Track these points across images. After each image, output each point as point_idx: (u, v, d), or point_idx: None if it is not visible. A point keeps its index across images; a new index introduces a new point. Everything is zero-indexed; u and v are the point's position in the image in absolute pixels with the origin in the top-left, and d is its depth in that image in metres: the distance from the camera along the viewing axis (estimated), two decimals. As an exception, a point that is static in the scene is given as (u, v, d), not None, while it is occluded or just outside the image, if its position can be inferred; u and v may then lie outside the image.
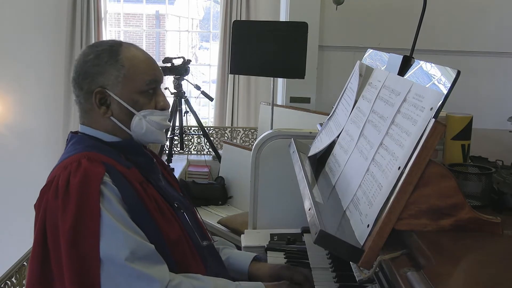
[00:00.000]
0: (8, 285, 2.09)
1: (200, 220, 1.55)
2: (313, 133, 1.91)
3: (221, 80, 4.93)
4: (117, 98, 1.35)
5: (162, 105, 1.40)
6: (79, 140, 1.37)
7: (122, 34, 5.69)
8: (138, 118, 1.37)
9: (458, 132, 1.37)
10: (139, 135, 1.39)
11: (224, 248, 1.63)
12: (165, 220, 1.34)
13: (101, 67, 1.34)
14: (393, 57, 1.47)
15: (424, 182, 0.98)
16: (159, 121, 1.39)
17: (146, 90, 1.37)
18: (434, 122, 0.98)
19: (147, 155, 1.45)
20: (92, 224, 1.20)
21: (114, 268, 1.19)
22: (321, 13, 3.99)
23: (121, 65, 1.34)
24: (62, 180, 1.24)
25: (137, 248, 1.22)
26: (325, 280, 1.44)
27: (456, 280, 0.88)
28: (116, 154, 1.34)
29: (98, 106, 1.35)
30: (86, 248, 1.19)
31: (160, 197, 1.37)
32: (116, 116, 1.36)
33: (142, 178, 1.35)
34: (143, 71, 1.37)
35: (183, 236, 1.37)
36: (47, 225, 1.23)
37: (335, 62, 4.08)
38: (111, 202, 1.23)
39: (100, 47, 1.38)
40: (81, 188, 1.22)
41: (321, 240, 1.00)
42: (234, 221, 3.20)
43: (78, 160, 1.27)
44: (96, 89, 1.34)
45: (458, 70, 1.06)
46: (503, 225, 1.02)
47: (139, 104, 1.37)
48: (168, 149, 4.21)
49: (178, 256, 1.34)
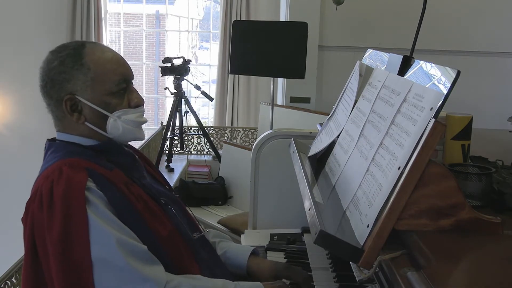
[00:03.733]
0: (8, 285, 2.09)
1: (188, 212, 1.53)
2: (313, 133, 1.91)
3: (221, 80, 4.93)
4: (88, 103, 1.31)
5: (136, 102, 1.36)
6: (58, 148, 1.34)
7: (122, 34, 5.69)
8: (112, 120, 1.33)
9: (458, 132, 1.37)
10: (117, 136, 1.36)
11: (220, 241, 1.60)
12: (154, 218, 1.32)
13: (67, 73, 1.30)
14: (393, 57, 1.47)
15: (424, 182, 0.98)
16: (135, 119, 1.36)
17: (117, 90, 1.33)
18: (434, 122, 0.98)
19: (129, 154, 1.42)
20: (80, 231, 1.17)
21: (108, 272, 1.17)
22: (321, 13, 4.00)
23: (87, 68, 1.30)
24: (45, 190, 1.21)
25: (130, 250, 1.20)
26: (325, 280, 1.43)
27: (456, 280, 0.88)
28: (97, 157, 1.32)
29: (70, 114, 1.32)
30: (77, 256, 1.17)
31: (146, 195, 1.35)
32: (90, 121, 1.33)
33: (126, 178, 1.33)
34: (111, 72, 1.32)
35: (173, 231, 1.36)
36: (36, 237, 1.21)
37: (335, 62, 4.08)
38: (98, 207, 1.21)
39: (63, 51, 1.33)
40: (65, 197, 1.19)
41: (321, 240, 1.00)
42: (234, 221, 3.20)
43: (59, 168, 1.24)
44: (65, 97, 1.31)
45: (458, 70, 1.06)
46: (503, 225, 1.02)
47: (111, 105, 1.33)
48: (168, 149, 4.21)
49: (171, 252, 1.32)
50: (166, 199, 1.43)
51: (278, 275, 1.48)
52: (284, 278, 1.47)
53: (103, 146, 1.35)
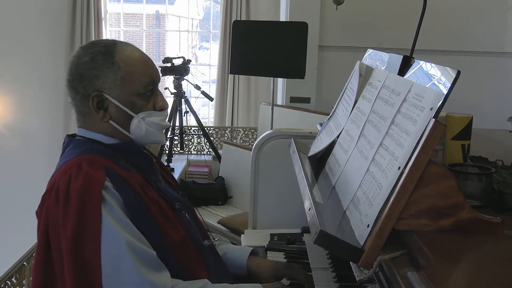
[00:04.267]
0: (8, 285, 2.09)
1: (200, 219, 1.54)
2: (313, 133, 1.91)
3: (221, 80, 4.93)
4: (115, 101, 1.32)
5: (161, 106, 1.38)
6: (78, 144, 1.34)
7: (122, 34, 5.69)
8: (137, 121, 1.34)
9: (458, 132, 1.37)
10: (139, 137, 1.37)
11: (220, 244, 1.61)
12: (168, 223, 1.33)
13: (97, 70, 1.31)
14: (393, 57, 1.47)
15: (424, 182, 0.98)
16: (158, 122, 1.37)
17: (144, 92, 1.35)
18: (434, 122, 0.98)
19: (147, 156, 1.44)
20: (94, 229, 1.18)
21: (115, 274, 1.18)
22: (321, 13, 3.99)
23: (117, 67, 1.31)
24: (62, 185, 1.22)
25: (139, 254, 1.20)
26: (325, 280, 1.43)
27: (456, 280, 0.88)
28: (116, 156, 1.33)
29: (95, 110, 1.33)
30: (88, 253, 1.17)
31: (161, 199, 1.36)
32: (115, 119, 1.34)
33: (142, 180, 1.34)
34: (140, 73, 1.34)
35: (186, 237, 1.37)
36: (50, 231, 1.22)
37: (335, 62, 4.08)
38: (113, 207, 1.22)
39: (94, 48, 1.34)
40: (82, 193, 1.19)
41: (321, 240, 1.00)
42: (234, 221, 3.20)
43: (78, 163, 1.25)
44: (93, 93, 1.31)
45: (458, 70, 1.06)
46: (503, 225, 1.02)
47: (137, 106, 1.34)
48: (168, 149, 4.21)
49: (182, 258, 1.33)
50: (180, 204, 1.44)
51: (279, 274, 1.48)
52: (285, 277, 1.47)
53: (123, 145, 1.36)
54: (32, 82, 4.88)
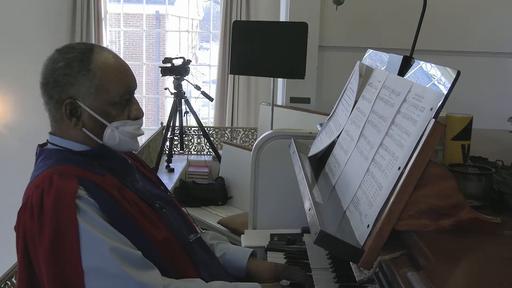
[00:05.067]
0: (8, 285, 2.09)
1: (185, 213, 1.52)
2: (313, 133, 1.91)
3: (221, 80, 4.93)
4: (88, 110, 1.29)
5: (136, 114, 1.35)
6: (48, 155, 1.32)
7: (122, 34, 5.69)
8: (110, 130, 1.32)
9: (458, 132, 1.37)
10: (112, 145, 1.34)
11: (218, 243, 1.59)
12: (149, 223, 1.31)
13: (71, 76, 1.28)
14: (393, 57, 1.47)
15: (424, 182, 0.98)
16: (132, 131, 1.35)
17: (119, 101, 1.32)
18: (434, 122, 0.98)
19: (121, 158, 1.41)
20: (71, 241, 1.16)
21: (102, 280, 1.16)
22: (321, 13, 3.99)
23: (93, 75, 1.28)
24: (35, 200, 1.19)
25: (124, 257, 1.18)
26: (325, 280, 1.43)
27: (456, 280, 0.88)
28: (88, 163, 1.30)
29: (68, 118, 1.30)
30: (68, 267, 1.15)
31: (140, 200, 1.34)
32: (87, 127, 1.31)
33: (119, 183, 1.31)
34: (116, 81, 1.31)
35: (169, 235, 1.35)
36: (29, 246, 1.20)
37: (335, 62, 4.08)
38: (90, 214, 1.19)
39: (70, 53, 1.30)
40: (55, 207, 1.17)
41: (321, 240, 1.00)
42: (234, 221, 3.20)
43: (49, 177, 1.22)
44: (66, 100, 1.29)
45: (458, 70, 1.06)
46: (503, 225, 1.02)
47: (111, 115, 1.31)
48: (168, 150, 4.21)
49: (168, 257, 1.31)
50: (161, 202, 1.42)
51: (278, 276, 1.48)
52: (284, 279, 1.47)
53: (95, 151, 1.34)
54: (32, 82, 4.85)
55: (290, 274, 1.48)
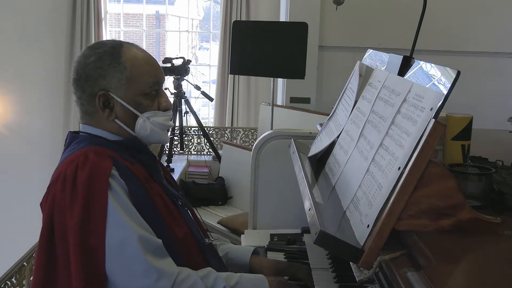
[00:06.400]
0: (8, 285, 2.09)
1: (199, 218, 1.55)
2: (313, 133, 1.91)
3: (221, 80, 4.93)
4: (120, 101, 1.34)
5: (165, 106, 1.40)
6: (83, 139, 1.36)
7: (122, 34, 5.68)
8: (142, 120, 1.37)
9: (458, 132, 1.37)
10: (143, 136, 1.39)
11: (221, 244, 1.63)
12: (171, 218, 1.34)
13: (103, 69, 1.33)
14: (393, 57, 1.47)
15: (424, 183, 0.98)
16: (163, 122, 1.40)
17: (149, 92, 1.37)
18: (434, 123, 0.98)
19: (151, 154, 1.45)
20: (100, 217, 1.20)
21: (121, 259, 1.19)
22: (321, 13, 3.99)
23: (123, 67, 1.34)
24: (69, 174, 1.23)
25: (144, 241, 1.21)
26: (325, 280, 1.43)
27: (456, 280, 0.88)
28: (121, 150, 1.34)
29: (102, 109, 1.35)
30: (93, 241, 1.19)
31: (165, 195, 1.38)
32: (120, 118, 1.36)
33: (146, 174, 1.35)
34: (146, 73, 1.36)
35: (188, 234, 1.38)
36: (55, 219, 1.23)
37: (335, 62, 4.08)
38: (120, 195, 1.23)
39: (101, 48, 1.36)
40: (89, 181, 1.21)
41: (321, 240, 1.00)
42: (234, 221, 3.20)
43: (85, 153, 1.26)
44: (99, 92, 1.33)
45: (458, 70, 1.06)
46: (503, 225, 1.02)
47: (142, 106, 1.36)
48: (168, 149, 4.21)
49: (185, 254, 1.34)
50: (182, 201, 1.46)
51: (280, 273, 1.50)
52: (286, 275, 1.48)
53: (128, 142, 1.38)
54: (32, 82, 4.88)
55: (293, 271, 1.50)
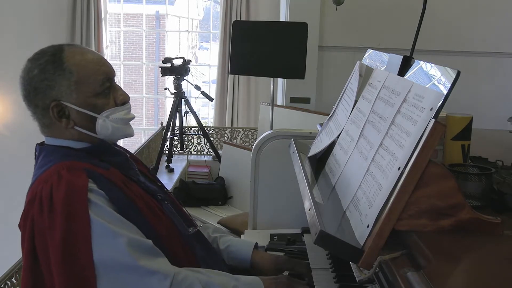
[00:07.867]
0: (8, 285, 2.09)
1: (181, 207, 1.53)
2: (313, 133, 1.91)
3: (221, 80, 4.93)
4: (75, 107, 1.30)
5: (122, 99, 1.36)
6: (50, 152, 1.32)
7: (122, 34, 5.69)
8: (101, 121, 1.33)
9: (458, 132, 1.37)
10: (107, 136, 1.35)
11: (221, 236, 1.61)
12: (154, 216, 1.33)
13: (49, 80, 1.28)
14: (393, 57, 1.47)
15: (424, 182, 0.98)
16: (123, 117, 1.36)
17: (102, 90, 1.32)
18: (434, 123, 0.98)
19: (121, 153, 1.42)
20: (84, 236, 1.16)
21: (116, 271, 1.17)
22: (321, 13, 4.00)
23: (69, 72, 1.29)
24: (45, 194, 1.19)
25: (137, 246, 1.20)
26: (325, 280, 1.43)
27: (456, 280, 0.88)
28: (90, 159, 1.31)
29: (58, 120, 1.30)
30: (80, 259, 1.16)
31: (144, 192, 1.35)
32: (79, 124, 1.32)
33: (123, 176, 1.32)
34: (93, 72, 1.31)
35: (171, 228, 1.36)
36: (36, 242, 1.20)
37: (335, 62, 4.08)
38: (100, 206, 1.20)
39: (41, 59, 1.30)
40: (67, 202, 1.17)
41: (321, 240, 1.00)
42: (234, 221, 3.20)
43: (57, 172, 1.22)
44: (51, 104, 1.29)
45: (458, 70, 1.06)
46: (503, 225, 1.02)
47: (98, 106, 1.32)
48: (168, 150, 4.21)
49: (170, 250, 1.32)
50: (161, 195, 1.44)
51: (280, 267, 1.51)
52: (286, 270, 1.49)
53: (95, 147, 1.34)
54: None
55: (292, 265, 1.51)
